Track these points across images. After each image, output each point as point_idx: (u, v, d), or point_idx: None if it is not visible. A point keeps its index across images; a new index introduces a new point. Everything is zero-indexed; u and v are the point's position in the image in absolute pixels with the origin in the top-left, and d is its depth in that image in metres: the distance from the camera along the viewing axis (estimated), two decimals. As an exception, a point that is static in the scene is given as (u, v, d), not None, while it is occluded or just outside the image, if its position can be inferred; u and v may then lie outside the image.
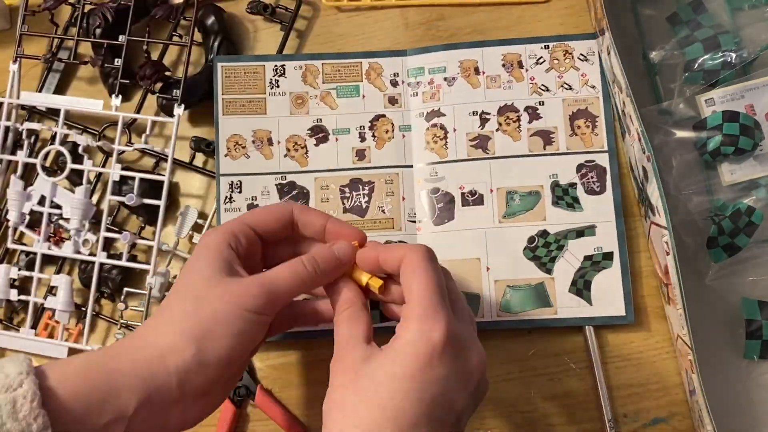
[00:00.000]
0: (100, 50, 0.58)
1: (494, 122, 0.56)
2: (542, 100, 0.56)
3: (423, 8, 0.59)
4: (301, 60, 0.58)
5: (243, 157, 0.56)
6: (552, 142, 0.55)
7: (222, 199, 0.56)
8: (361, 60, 0.58)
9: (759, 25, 0.53)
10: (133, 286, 0.56)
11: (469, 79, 0.57)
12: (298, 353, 0.54)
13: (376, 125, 0.57)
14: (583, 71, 0.56)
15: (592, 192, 0.55)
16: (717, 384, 0.50)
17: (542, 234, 0.54)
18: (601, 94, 0.56)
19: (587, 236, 0.54)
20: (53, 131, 0.56)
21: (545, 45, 0.57)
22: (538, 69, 0.57)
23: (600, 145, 0.55)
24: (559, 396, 0.52)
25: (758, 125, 0.52)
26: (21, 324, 0.57)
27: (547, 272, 0.54)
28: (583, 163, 0.55)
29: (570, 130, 0.56)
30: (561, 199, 0.55)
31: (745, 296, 0.51)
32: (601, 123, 0.55)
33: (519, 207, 0.55)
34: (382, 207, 0.56)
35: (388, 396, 0.36)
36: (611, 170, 0.55)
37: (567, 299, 0.53)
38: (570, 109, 0.56)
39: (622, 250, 0.53)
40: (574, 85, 0.56)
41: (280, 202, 0.44)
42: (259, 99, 0.57)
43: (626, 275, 0.53)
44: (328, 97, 0.57)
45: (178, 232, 0.56)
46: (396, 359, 0.37)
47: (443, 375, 0.37)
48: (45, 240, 0.56)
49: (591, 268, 0.53)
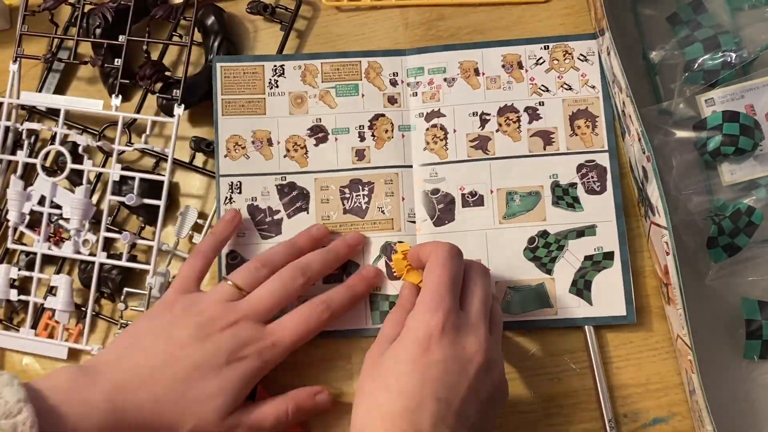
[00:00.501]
0: (100, 50, 0.58)
1: (494, 123, 0.56)
2: (542, 100, 0.56)
3: (423, 8, 0.59)
4: (300, 60, 0.58)
5: (243, 157, 0.56)
6: (552, 143, 0.55)
7: (222, 200, 0.56)
8: (360, 59, 0.58)
9: (759, 25, 0.53)
10: (133, 286, 0.56)
11: (469, 80, 0.57)
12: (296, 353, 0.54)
13: (376, 125, 0.57)
14: (583, 71, 0.56)
15: (592, 192, 0.55)
16: (717, 384, 0.50)
17: (542, 234, 0.54)
18: (601, 94, 0.56)
19: (588, 236, 0.54)
20: (53, 131, 0.56)
21: (545, 45, 0.57)
22: (537, 69, 0.57)
23: (600, 145, 0.55)
24: (559, 396, 0.52)
25: (758, 125, 0.52)
26: (21, 324, 0.57)
27: (547, 273, 0.54)
28: (583, 163, 0.55)
29: (570, 130, 0.56)
30: (561, 199, 0.55)
31: (745, 296, 0.51)
32: (601, 123, 0.55)
33: (519, 207, 0.55)
34: (382, 207, 0.56)
35: (395, 379, 0.41)
36: (612, 170, 0.55)
37: (567, 299, 0.53)
38: (570, 110, 0.56)
39: (623, 250, 0.53)
40: (574, 85, 0.56)
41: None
42: (258, 99, 0.57)
43: (627, 275, 0.53)
44: (327, 96, 0.57)
45: (178, 232, 0.56)
46: (400, 346, 0.42)
47: (440, 358, 0.41)
48: (45, 240, 0.56)
49: (591, 268, 0.53)
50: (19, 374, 0.57)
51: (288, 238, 0.54)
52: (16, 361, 0.57)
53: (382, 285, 0.54)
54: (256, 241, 0.55)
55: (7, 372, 0.41)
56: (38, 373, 0.57)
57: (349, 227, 0.55)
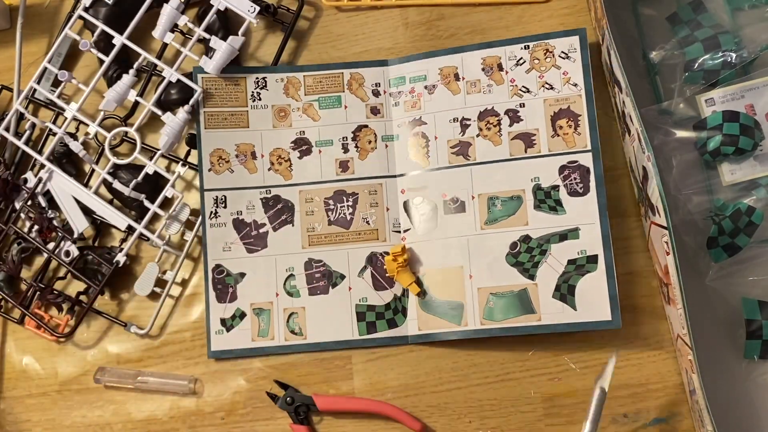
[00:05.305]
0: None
1: (474, 128, 0.56)
2: (523, 102, 0.55)
3: (423, 8, 0.59)
4: (282, 72, 0.57)
5: (227, 171, 0.56)
6: (533, 145, 0.55)
7: (207, 215, 0.55)
8: (343, 71, 0.57)
9: (759, 25, 0.53)
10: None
11: (449, 86, 0.56)
12: (296, 354, 0.55)
13: (359, 136, 0.56)
14: (565, 69, 0.55)
15: (575, 194, 0.54)
16: (717, 384, 0.50)
17: (524, 239, 0.54)
18: (583, 91, 0.54)
19: (570, 239, 0.53)
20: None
21: (525, 45, 0.56)
22: (518, 70, 0.56)
23: (583, 145, 0.54)
24: (559, 396, 0.52)
25: (758, 125, 0.52)
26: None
27: (530, 278, 0.53)
28: (565, 165, 0.54)
29: (552, 130, 0.55)
30: (543, 202, 0.54)
31: (745, 296, 0.51)
32: (583, 121, 0.54)
33: (501, 212, 0.54)
34: (366, 218, 0.55)
35: None
36: (595, 170, 0.53)
37: (551, 305, 0.52)
38: (551, 110, 0.55)
39: (607, 253, 0.52)
40: (555, 84, 0.55)
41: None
42: (241, 112, 0.57)
43: (612, 278, 0.52)
44: (310, 109, 0.57)
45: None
46: None
47: None
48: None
49: (575, 272, 0.52)
50: (19, 374, 0.57)
51: (274, 251, 0.55)
52: (16, 362, 0.57)
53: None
54: (241, 255, 0.55)
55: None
56: (38, 372, 0.57)
57: (334, 238, 0.55)
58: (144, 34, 0.58)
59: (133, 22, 0.56)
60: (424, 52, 0.57)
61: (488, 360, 0.53)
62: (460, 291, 0.53)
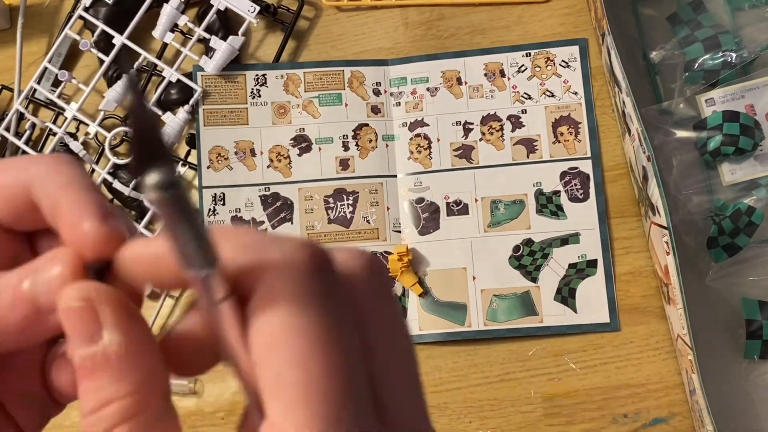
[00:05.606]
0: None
1: (477, 132, 0.56)
2: (525, 108, 0.56)
3: (423, 8, 0.59)
4: (282, 69, 0.57)
5: (226, 168, 0.56)
6: (535, 150, 0.55)
7: (206, 212, 0.55)
8: (343, 68, 0.57)
9: (759, 25, 0.53)
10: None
11: (452, 89, 0.57)
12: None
13: (360, 134, 0.56)
14: (565, 78, 0.56)
15: (575, 199, 0.54)
16: (717, 384, 0.50)
17: (527, 242, 0.54)
18: (583, 99, 0.55)
19: (571, 244, 0.54)
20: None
21: (527, 53, 0.57)
22: (520, 77, 0.56)
23: (583, 152, 0.55)
24: (559, 396, 0.52)
25: (758, 125, 0.52)
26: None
27: (532, 281, 0.54)
28: (566, 171, 0.55)
29: (553, 137, 0.55)
30: (545, 207, 0.54)
31: (745, 296, 0.51)
32: (583, 129, 0.55)
33: (503, 216, 0.55)
34: (367, 217, 0.55)
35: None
36: (594, 177, 0.54)
37: (553, 307, 0.53)
38: (552, 117, 0.56)
39: (606, 258, 0.53)
40: (556, 92, 0.56)
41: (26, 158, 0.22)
42: (240, 109, 0.56)
43: (610, 282, 0.53)
44: (310, 106, 0.57)
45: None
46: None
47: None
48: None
49: (575, 275, 0.53)
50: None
51: None
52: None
53: None
54: None
55: None
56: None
57: (334, 237, 0.55)
58: (144, 34, 0.58)
59: (133, 22, 0.56)
60: (425, 53, 0.57)
61: (488, 360, 0.53)
62: (464, 292, 0.53)
